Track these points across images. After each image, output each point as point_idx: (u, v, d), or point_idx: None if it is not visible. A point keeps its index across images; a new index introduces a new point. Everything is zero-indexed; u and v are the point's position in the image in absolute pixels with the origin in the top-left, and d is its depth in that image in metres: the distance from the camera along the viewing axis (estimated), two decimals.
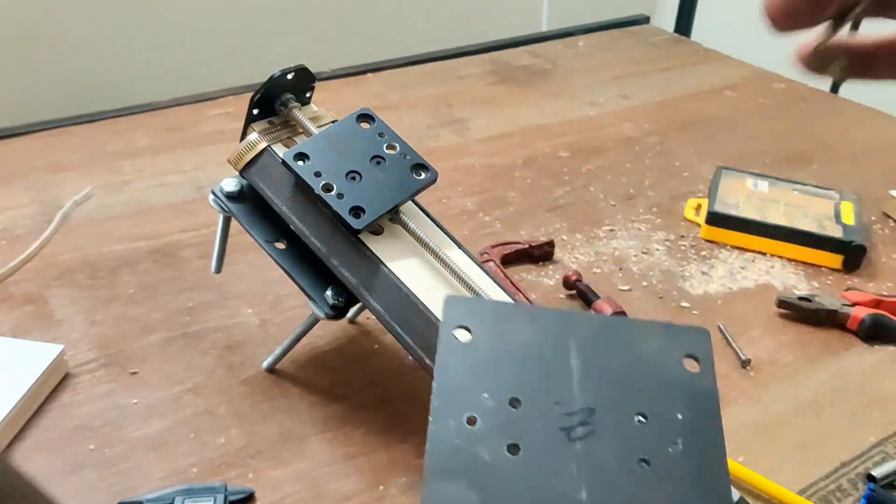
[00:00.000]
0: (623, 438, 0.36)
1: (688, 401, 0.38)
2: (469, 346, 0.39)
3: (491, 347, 0.39)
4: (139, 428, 0.58)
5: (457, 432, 0.36)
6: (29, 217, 0.81)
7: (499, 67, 1.23)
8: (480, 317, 0.40)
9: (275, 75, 0.57)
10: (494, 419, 0.36)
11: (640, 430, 0.37)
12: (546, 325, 0.40)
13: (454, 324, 0.40)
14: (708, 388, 0.38)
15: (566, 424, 0.36)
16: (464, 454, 0.35)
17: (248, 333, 0.67)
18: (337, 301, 0.56)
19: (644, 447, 0.36)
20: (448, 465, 0.35)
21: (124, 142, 0.97)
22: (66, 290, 0.71)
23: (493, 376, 0.38)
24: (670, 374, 0.39)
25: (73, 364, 0.63)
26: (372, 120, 0.58)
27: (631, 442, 0.36)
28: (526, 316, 0.41)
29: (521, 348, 0.39)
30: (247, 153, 0.57)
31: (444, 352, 0.39)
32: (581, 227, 0.85)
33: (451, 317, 0.40)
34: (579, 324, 0.40)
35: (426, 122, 1.05)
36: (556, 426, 0.36)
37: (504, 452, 0.36)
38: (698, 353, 0.40)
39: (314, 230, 0.56)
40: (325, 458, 0.57)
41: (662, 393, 0.38)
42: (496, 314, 0.41)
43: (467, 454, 0.35)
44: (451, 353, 0.39)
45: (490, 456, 0.35)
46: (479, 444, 0.36)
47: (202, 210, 0.84)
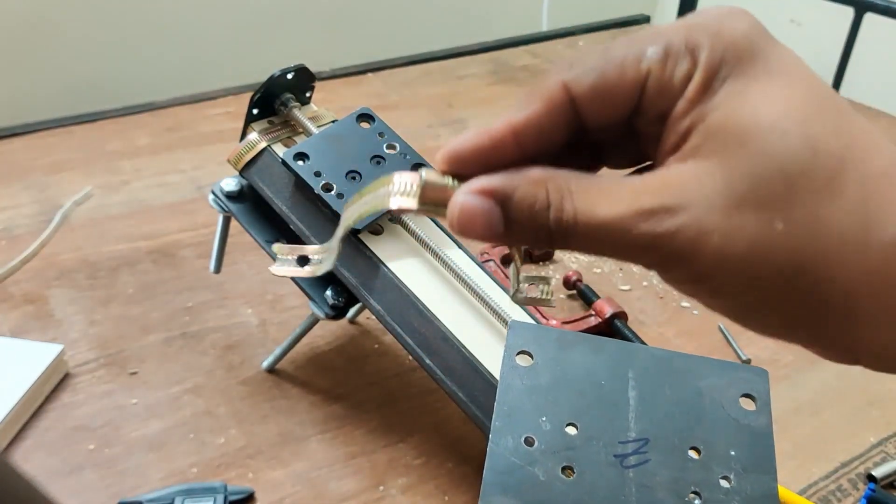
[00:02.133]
0: (676, 470, 0.37)
1: (742, 438, 0.39)
2: (530, 370, 0.40)
3: (551, 373, 0.40)
4: (139, 428, 0.58)
5: (514, 451, 0.37)
6: (28, 217, 0.81)
7: (499, 67, 1.23)
8: (543, 343, 0.41)
9: (274, 75, 0.57)
10: (551, 442, 0.38)
11: (693, 463, 0.37)
12: (606, 355, 0.41)
13: (517, 348, 0.41)
14: (763, 428, 0.39)
15: (620, 452, 0.37)
16: (520, 472, 0.37)
17: (247, 333, 0.67)
18: (337, 301, 0.56)
19: (696, 480, 0.37)
20: (504, 481, 0.36)
21: (124, 141, 0.96)
22: (65, 290, 0.71)
23: (552, 401, 0.39)
24: (726, 411, 0.40)
25: (73, 364, 0.63)
26: (372, 120, 0.58)
27: (683, 474, 0.37)
28: (587, 345, 0.41)
29: (581, 376, 0.40)
30: (246, 153, 0.57)
31: (507, 374, 0.40)
32: None
33: (515, 341, 0.41)
34: (639, 356, 0.41)
35: (426, 122, 1.05)
36: (611, 453, 0.37)
37: (558, 474, 0.37)
38: (755, 392, 0.41)
39: (314, 230, 0.56)
40: (325, 459, 0.57)
41: (717, 428, 0.39)
42: (559, 342, 0.41)
43: (523, 472, 0.37)
44: (513, 377, 0.40)
45: (545, 476, 0.36)
46: (534, 464, 0.37)
47: (202, 210, 0.83)
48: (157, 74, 1.28)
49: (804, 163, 0.25)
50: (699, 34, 0.27)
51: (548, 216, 0.27)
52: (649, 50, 0.27)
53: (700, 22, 0.27)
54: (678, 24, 0.27)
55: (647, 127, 0.28)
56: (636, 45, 0.27)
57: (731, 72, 0.26)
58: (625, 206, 0.26)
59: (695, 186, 0.26)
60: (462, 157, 0.28)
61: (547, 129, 0.28)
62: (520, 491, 0.36)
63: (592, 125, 0.28)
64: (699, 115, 0.26)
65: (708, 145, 0.26)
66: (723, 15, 0.27)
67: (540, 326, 0.45)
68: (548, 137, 0.28)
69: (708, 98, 0.26)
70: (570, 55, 1.27)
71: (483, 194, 0.27)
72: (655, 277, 0.77)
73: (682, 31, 0.27)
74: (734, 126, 0.26)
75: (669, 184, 0.26)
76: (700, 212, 0.25)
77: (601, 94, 0.27)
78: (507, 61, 1.25)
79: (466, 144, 0.28)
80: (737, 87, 0.26)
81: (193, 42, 1.31)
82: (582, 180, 0.27)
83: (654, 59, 0.27)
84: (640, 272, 0.78)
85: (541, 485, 0.36)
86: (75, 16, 1.20)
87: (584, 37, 1.36)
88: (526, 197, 0.27)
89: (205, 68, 1.30)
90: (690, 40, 0.27)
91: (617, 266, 0.78)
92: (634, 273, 0.78)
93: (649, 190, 0.26)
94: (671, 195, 0.26)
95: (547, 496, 0.36)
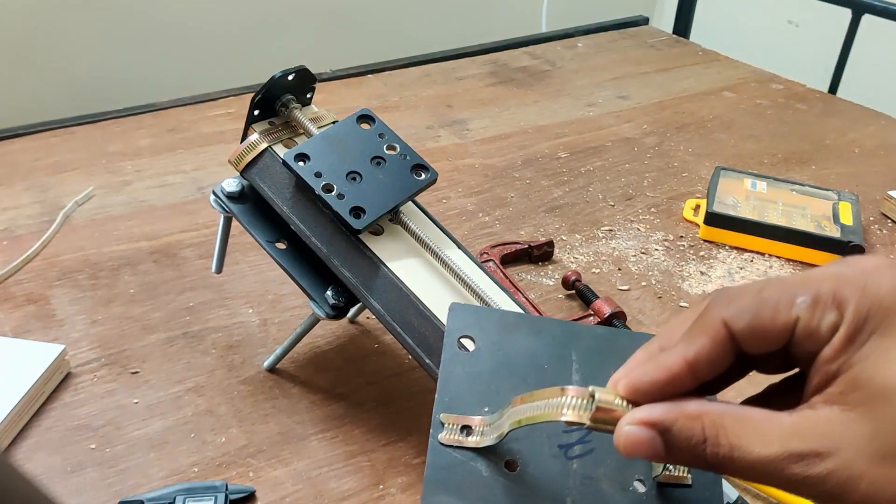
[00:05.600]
0: (620, 457, 0.36)
1: None
2: (472, 356, 0.39)
3: (494, 359, 0.39)
4: (140, 427, 0.58)
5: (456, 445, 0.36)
6: (30, 217, 0.82)
7: (498, 68, 1.23)
8: (485, 326, 0.40)
9: (275, 76, 0.57)
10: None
11: None
12: (549, 336, 0.40)
13: (459, 332, 0.40)
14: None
15: (565, 442, 0.36)
16: (462, 468, 0.36)
17: (248, 333, 0.68)
18: (337, 301, 0.57)
19: (641, 467, 0.36)
20: (446, 478, 0.35)
21: (125, 142, 0.97)
22: (67, 290, 0.72)
23: (494, 389, 0.38)
24: None
25: (75, 364, 0.64)
26: (372, 120, 0.59)
27: (627, 462, 0.36)
28: (530, 326, 0.40)
29: (524, 360, 0.39)
30: (248, 154, 0.58)
31: (448, 362, 0.39)
32: (580, 227, 0.85)
33: (456, 325, 0.40)
34: (582, 336, 0.40)
35: (426, 123, 1.05)
36: (555, 443, 0.36)
37: (502, 468, 0.36)
38: None
39: (314, 230, 0.56)
40: (325, 458, 0.57)
41: None
42: (501, 324, 0.40)
43: (465, 468, 0.36)
44: (454, 364, 0.39)
45: (488, 471, 0.36)
46: (477, 459, 0.36)
47: (203, 210, 0.84)
48: (159, 75, 1.28)
49: None
50: (846, 288, 0.29)
51: (705, 449, 0.29)
52: (799, 299, 0.29)
53: (847, 274, 0.29)
54: (827, 273, 0.30)
55: (796, 358, 0.31)
56: (788, 289, 0.30)
57: (877, 328, 0.28)
58: (777, 447, 0.28)
59: (842, 433, 0.28)
60: (642, 389, 0.31)
61: (715, 361, 0.31)
62: (462, 489, 0.35)
63: (749, 352, 0.31)
64: (845, 364, 0.29)
65: (854, 396, 0.28)
66: (870, 270, 0.29)
67: (481, 308, 0.43)
68: (716, 366, 0.31)
69: (854, 350, 0.28)
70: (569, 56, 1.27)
71: (646, 424, 0.30)
72: (654, 277, 0.77)
73: (830, 282, 0.29)
74: (879, 382, 0.28)
75: (818, 428, 0.28)
76: (848, 458, 0.28)
77: (756, 333, 0.30)
78: (507, 62, 1.26)
79: (647, 378, 0.31)
80: (882, 345, 0.28)
81: (195, 43, 1.31)
82: (735, 416, 0.30)
83: (803, 307, 0.29)
84: (639, 272, 0.78)
85: (483, 481, 0.35)
86: (77, 18, 1.20)
87: (583, 38, 1.36)
88: (683, 430, 0.30)
89: (206, 70, 1.31)
90: (838, 294, 0.29)
91: (615, 266, 0.79)
92: (633, 273, 0.78)
93: (800, 433, 0.28)
94: (821, 440, 0.28)
95: (490, 493, 0.35)
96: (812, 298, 0.29)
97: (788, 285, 0.30)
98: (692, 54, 1.33)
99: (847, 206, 0.85)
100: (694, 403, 0.30)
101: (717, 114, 1.12)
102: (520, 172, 0.95)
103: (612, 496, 0.36)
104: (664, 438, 0.30)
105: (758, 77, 1.24)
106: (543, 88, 1.18)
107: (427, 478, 0.35)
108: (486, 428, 0.36)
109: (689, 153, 1.01)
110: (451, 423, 0.37)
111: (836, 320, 0.29)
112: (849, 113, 1.14)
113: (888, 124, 1.11)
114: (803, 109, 1.14)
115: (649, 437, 0.30)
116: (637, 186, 0.93)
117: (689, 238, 0.84)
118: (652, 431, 0.30)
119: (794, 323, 0.29)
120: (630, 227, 0.85)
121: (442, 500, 0.35)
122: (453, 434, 0.37)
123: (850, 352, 0.28)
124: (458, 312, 0.40)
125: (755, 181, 0.89)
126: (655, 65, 1.27)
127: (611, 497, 0.35)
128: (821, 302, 0.29)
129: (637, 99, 1.15)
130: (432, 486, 0.35)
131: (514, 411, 0.33)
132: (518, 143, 1.01)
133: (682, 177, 0.96)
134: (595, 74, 1.23)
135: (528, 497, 0.35)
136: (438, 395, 0.37)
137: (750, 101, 1.16)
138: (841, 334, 0.29)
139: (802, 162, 1.00)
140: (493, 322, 0.40)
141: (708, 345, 0.30)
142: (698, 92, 1.18)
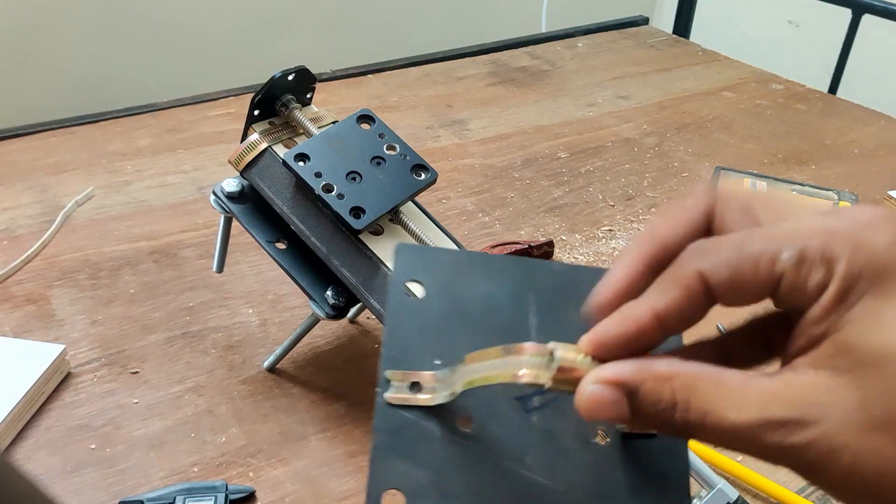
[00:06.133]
0: None
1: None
2: (421, 303, 0.35)
3: (444, 304, 0.35)
4: (140, 427, 0.59)
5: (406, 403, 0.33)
6: (30, 217, 0.82)
7: (498, 68, 1.23)
8: (435, 269, 0.36)
9: (275, 76, 0.57)
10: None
11: None
12: (505, 276, 0.36)
13: (406, 277, 0.36)
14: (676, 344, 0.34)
15: (522, 393, 0.33)
16: (413, 428, 0.33)
17: (248, 333, 0.68)
18: (337, 301, 0.57)
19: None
20: (396, 443, 0.32)
21: (125, 142, 0.97)
22: (67, 290, 0.72)
23: (446, 339, 0.34)
24: None
25: (75, 364, 0.64)
26: (372, 120, 0.59)
27: None
28: (484, 266, 0.37)
29: (477, 304, 0.35)
30: (248, 154, 0.58)
31: (394, 311, 0.35)
32: (580, 227, 0.85)
33: (403, 268, 0.36)
34: (539, 274, 0.37)
35: (426, 123, 1.05)
36: (513, 395, 0.33)
37: (457, 427, 0.33)
38: None
39: (314, 230, 0.56)
40: (326, 457, 0.57)
41: None
42: (452, 265, 0.36)
43: (417, 429, 0.33)
44: (401, 313, 0.35)
45: (442, 432, 0.33)
46: (430, 419, 0.33)
47: (203, 210, 0.84)
48: (159, 76, 1.28)
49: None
50: (837, 243, 0.26)
51: (674, 415, 0.27)
52: (784, 254, 0.27)
53: (839, 229, 0.27)
54: (817, 226, 0.27)
55: (780, 310, 0.29)
56: (773, 242, 0.27)
57: (869, 288, 0.26)
58: (754, 412, 0.26)
59: (827, 400, 0.26)
60: (607, 345, 0.28)
61: (687, 314, 0.28)
62: (415, 452, 0.32)
63: (726, 305, 0.29)
64: (833, 326, 0.26)
65: (841, 360, 0.26)
66: (864, 224, 0.27)
67: (430, 248, 0.39)
68: (687, 321, 0.29)
69: (844, 310, 0.26)
70: (568, 56, 1.27)
71: (611, 384, 0.27)
72: None
73: (820, 236, 0.27)
74: (870, 347, 0.26)
75: (800, 394, 0.26)
76: (831, 428, 0.25)
77: (735, 288, 0.28)
78: (507, 62, 1.26)
79: (612, 332, 0.28)
80: (874, 306, 0.26)
81: (195, 43, 1.31)
82: (709, 379, 0.27)
83: (789, 263, 0.27)
84: None
85: (438, 442, 0.32)
86: (77, 18, 1.20)
87: (583, 38, 1.36)
88: (651, 393, 0.27)
89: (206, 70, 1.31)
90: (827, 250, 0.26)
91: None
92: None
93: (779, 398, 0.26)
94: (802, 407, 0.26)
95: (446, 455, 0.32)
96: (799, 254, 0.26)
97: (773, 238, 0.27)
98: (692, 54, 1.33)
99: (847, 207, 0.85)
100: (664, 363, 0.28)
101: (717, 114, 1.12)
102: (520, 172, 0.95)
103: (574, 451, 0.33)
104: (630, 400, 0.27)
105: (758, 77, 1.24)
106: (543, 88, 1.18)
107: (375, 443, 0.32)
108: (437, 384, 0.33)
109: (689, 153, 1.01)
110: (399, 380, 0.34)
111: (824, 278, 0.26)
112: (849, 113, 1.14)
113: (888, 124, 1.11)
114: (803, 109, 1.14)
115: (614, 399, 0.27)
116: (637, 186, 0.93)
117: None
118: (617, 392, 0.27)
119: (777, 279, 0.27)
120: (630, 227, 0.85)
121: (394, 466, 0.32)
122: (401, 392, 0.33)
123: (839, 312, 0.26)
124: (405, 254, 0.36)
125: (755, 181, 0.89)
126: (655, 65, 1.27)
127: (573, 452, 0.33)
128: (808, 258, 0.26)
129: (637, 99, 1.15)
130: (383, 452, 0.32)
131: (467, 370, 0.31)
132: (518, 143, 1.01)
133: (682, 177, 0.96)
134: (595, 74, 1.23)
135: (486, 457, 0.32)
136: (384, 349, 0.34)
137: (750, 101, 1.16)
138: (830, 294, 0.26)
139: (802, 162, 1.00)
140: (444, 264, 0.36)
141: (681, 298, 0.28)
142: (698, 92, 1.18)
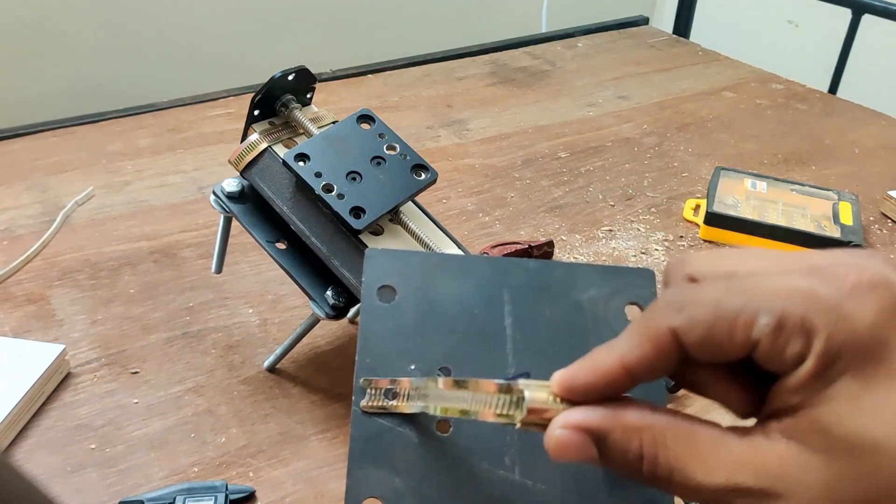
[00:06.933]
0: None
1: None
2: (394, 307, 0.35)
3: (418, 308, 0.35)
4: (140, 427, 0.58)
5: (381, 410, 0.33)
6: (30, 217, 0.82)
7: (498, 68, 1.23)
8: (406, 273, 0.36)
9: (275, 76, 0.57)
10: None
11: None
12: (478, 276, 0.36)
13: (378, 282, 0.35)
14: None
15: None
16: (390, 435, 0.32)
17: (248, 333, 0.68)
18: (337, 301, 0.57)
19: None
20: (373, 449, 0.32)
21: (125, 142, 0.97)
22: (67, 290, 0.72)
23: (420, 343, 0.34)
24: (611, 327, 0.35)
25: (75, 364, 0.64)
26: (372, 120, 0.59)
27: None
28: (456, 267, 0.36)
29: (451, 308, 0.35)
30: (248, 154, 0.58)
31: (367, 318, 0.34)
32: (580, 227, 0.85)
33: (374, 273, 0.36)
34: (513, 272, 0.36)
35: (426, 123, 1.05)
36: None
37: (434, 431, 0.33)
38: (641, 298, 0.36)
39: (315, 230, 0.56)
40: (326, 458, 0.57)
41: None
42: (424, 268, 0.36)
43: (394, 435, 0.32)
44: (374, 319, 0.34)
45: (419, 437, 0.32)
46: (406, 424, 0.32)
47: (203, 210, 0.84)
48: (159, 76, 1.28)
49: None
50: (818, 313, 0.25)
51: (641, 466, 0.27)
52: (762, 319, 0.26)
53: (822, 295, 0.25)
54: (799, 288, 0.26)
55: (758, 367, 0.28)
56: (750, 303, 0.26)
57: (848, 368, 0.25)
58: (722, 477, 0.26)
59: (796, 476, 0.25)
60: (575, 390, 0.28)
61: (657, 368, 0.28)
62: (392, 459, 0.32)
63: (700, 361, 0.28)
64: (809, 400, 0.26)
65: (816, 438, 0.25)
66: (848, 291, 0.25)
67: (400, 252, 0.39)
68: (660, 372, 0.28)
69: (822, 386, 0.25)
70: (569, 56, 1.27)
71: (579, 430, 0.27)
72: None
73: (801, 301, 0.25)
74: (845, 432, 0.25)
75: (770, 465, 0.26)
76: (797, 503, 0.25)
77: (709, 349, 0.27)
78: (507, 62, 1.26)
79: (581, 380, 0.28)
80: (853, 389, 0.25)
81: (195, 44, 1.31)
82: (679, 435, 0.27)
83: (766, 331, 0.25)
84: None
85: (414, 448, 0.32)
86: (78, 18, 1.20)
87: (583, 38, 1.36)
88: (619, 442, 0.27)
89: (206, 70, 1.31)
90: (807, 319, 0.25)
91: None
92: None
93: (749, 466, 0.26)
94: (771, 479, 0.26)
95: (423, 460, 0.32)
96: (777, 321, 0.25)
97: (751, 297, 0.26)
98: (692, 54, 1.33)
99: (847, 207, 0.85)
100: (635, 413, 0.27)
101: (717, 114, 1.12)
102: (520, 172, 0.95)
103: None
104: (598, 444, 0.27)
105: (758, 77, 1.24)
106: (543, 88, 1.18)
107: (352, 451, 0.32)
108: (412, 391, 0.32)
109: (689, 153, 1.01)
110: (374, 388, 0.34)
111: (802, 350, 0.25)
112: (849, 113, 1.14)
113: (888, 124, 1.11)
114: (803, 109, 1.14)
115: (581, 443, 0.27)
116: (637, 186, 0.93)
117: (690, 238, 0.84)
118: (585, 437, 0.27)
119: (754, 344, 0.26)
120: (630, 227, 0.85)
121: (371, 473, 0.31)
122: (377, 400, 0.33)
123: (816, 388, 0.25)
124: (376, 259, 0.36)
125: (755, 181, 0.89)
126: (655, 65, 1.27)
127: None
128: (786, 327, 0.25)
129: (637, 99, 1.15)
130: (359, 460, 0.32)
131: (441, 395, 0.30)
132: (518, 143, 1.01)
133: (682, 177, 0.96)
134: (595, 74, 1.23)
135: (464, 460, 0.32)
136: (359, 357, 0.34)
137: (750, 101, 1.16)
138: (807, 368, 0.25)
139: (802, 162, 1.00)
140: (416, 267, 0.36)
141: (650, 352, 0.27)
142: (698, 92, 1.18)
